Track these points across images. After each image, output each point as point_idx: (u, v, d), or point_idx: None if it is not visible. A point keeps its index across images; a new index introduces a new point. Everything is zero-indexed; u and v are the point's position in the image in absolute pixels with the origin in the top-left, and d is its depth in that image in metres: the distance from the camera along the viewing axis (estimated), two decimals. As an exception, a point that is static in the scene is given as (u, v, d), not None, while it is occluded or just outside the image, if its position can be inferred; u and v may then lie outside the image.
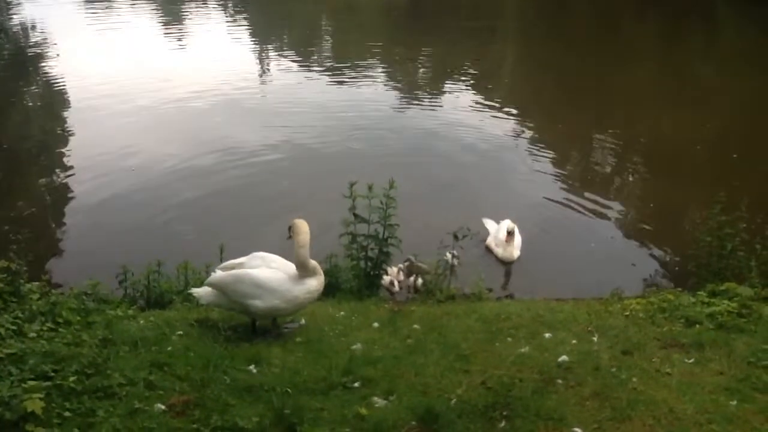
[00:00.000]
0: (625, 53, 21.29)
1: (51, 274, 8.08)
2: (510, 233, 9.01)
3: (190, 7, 29.15)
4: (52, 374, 4.47)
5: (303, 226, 5.74)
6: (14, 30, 24.00)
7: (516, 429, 4.38)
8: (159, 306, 6.89)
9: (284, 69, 19.23)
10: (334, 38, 25.45)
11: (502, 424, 4.43)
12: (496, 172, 12.01)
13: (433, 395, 4.75)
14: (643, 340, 5.61)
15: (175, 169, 11.61)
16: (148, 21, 25.74)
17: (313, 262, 5.79)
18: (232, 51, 21.29)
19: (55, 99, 16.16)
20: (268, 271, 5.71)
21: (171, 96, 15.52)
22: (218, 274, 5.84)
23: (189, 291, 6.24)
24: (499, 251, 9.17)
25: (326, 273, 7.21)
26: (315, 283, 5.77)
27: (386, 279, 8.05)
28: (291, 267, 5.76)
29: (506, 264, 9.12)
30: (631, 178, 12.45)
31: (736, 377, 5.02)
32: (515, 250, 9.12)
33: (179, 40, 22.59)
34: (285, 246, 5.99)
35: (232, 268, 5.88)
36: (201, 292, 5.89)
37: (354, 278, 7.57)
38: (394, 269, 8.17)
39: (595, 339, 5.67)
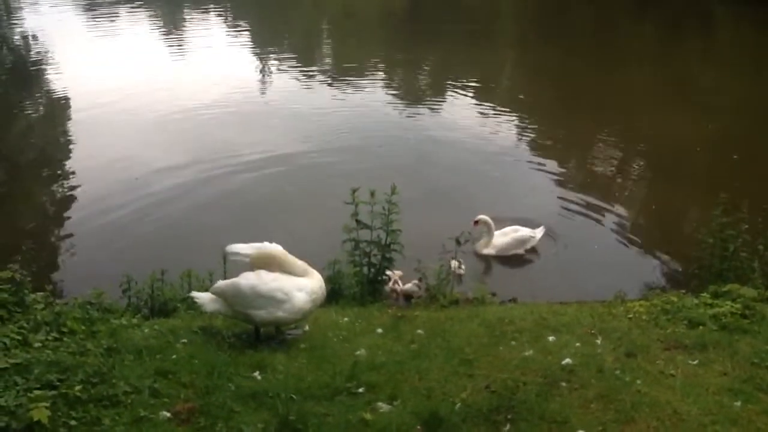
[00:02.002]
0: (624, 55, 21.33)
1: (55, 284, 8.11)
2: (476, 222, 9.20)
3: (191, 16, 29.26)
4: (58, 383, 4.48)
5: (270, 256, 5.70)
6: (15, 39, 24.10)
7: (520, 432, 4.39)
8: (163, 314, 6.90)
9: (285, 76, 19.28)
10: (333, 45, 25.54)
11: (507, 427, 4.44)
12: (498, 177, 12.02)
13: (437, 400, 4.76)
14: (647, 342, 5.62)
15: (178, 176, 11.63)
16: (149, 29, 25.81)
17: (304, 264, 5.81)
18: (233, 58, 21.35)
19: (57, 108, 16.22)
20: (273, 280, 5.66)
21: (173, 104, 15.56)
22: (221, 283, 5.84)
23: (190, 294, 6.18)
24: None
25: (329, 279, 7.26)
26: (316, 287, 5.77)
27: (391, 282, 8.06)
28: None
29: (476, 256, 9.29)
30: (632, 180, 12.45)
31: (739, 378, 5.02)
32: (484, 247, 9.33)
33: (180, 48, 22.66)
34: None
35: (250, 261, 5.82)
36: (204, 298, 5.87)
37: (357, 284, 7.57)
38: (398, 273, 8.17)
39: (598, 342, 5.68)
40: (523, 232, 9.44)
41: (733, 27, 26.25)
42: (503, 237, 9.40)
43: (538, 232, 9.50)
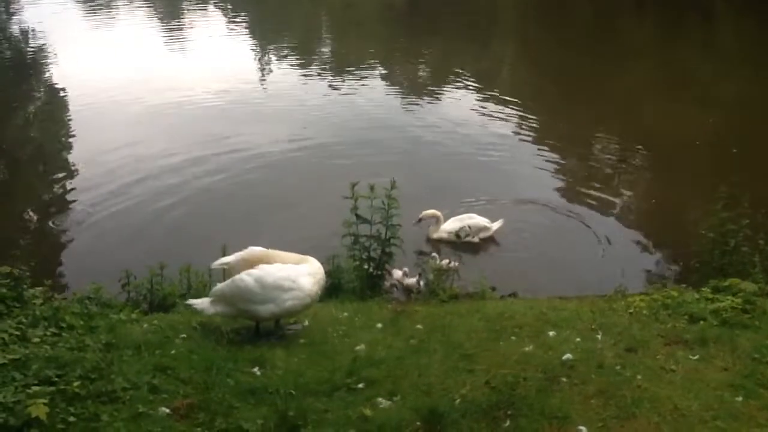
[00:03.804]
0: (624, 50, 21.27)
1: (54, 279, 8.08)
2: (420, 219, 9.45)
3: (190, 11, 29.16)
4: (56, 379, 4.47)
5: (255, 259, 5.65)
6: (14, 33, 24.02)
7: (520, 428, 4.37)
8: (162, 309, 6.87)
9: (284, 70, 19.25)
10: (333, 39, 25.47)
11: (507, 423, 4.42)
12: (498, 171, 12.01)
13: (437, 395, 4.74)
14: (647, 338, 5.59)
15: (177, 171, 11.62)
16: (148, 24, 25.75)
17: (295, 255, 5.78)
18: (232, 53, 21.31)
19: (57, 102, 16.20)
20: (278, 270, 5.59)
21: (172, 99, 15.54)
22: (221, 286, 5.75)
23: (187, 303, 6.07)
24: None
25: (329, 274, 7.23)
26: (316, 268, 5.72)
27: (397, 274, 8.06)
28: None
29: (429, 241, 9.62)
30: (632, 174, 12.43)
31: (740, 373, 5.00)
32: (434, 232, 9.62)
33: (179, 43, 22.60)
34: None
35: (229, 268, 5.80)
36: (202, 304, 5.78)
37: (357, 279, 7.55)
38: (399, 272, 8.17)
39: (599, 337, 5.65)
40: (478, 220, 9.54)
41: (734, 21, 26.15)
42: (458, 223, 9.52)
43: (495, 224, 9.56)
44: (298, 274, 5.61)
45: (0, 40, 23.58)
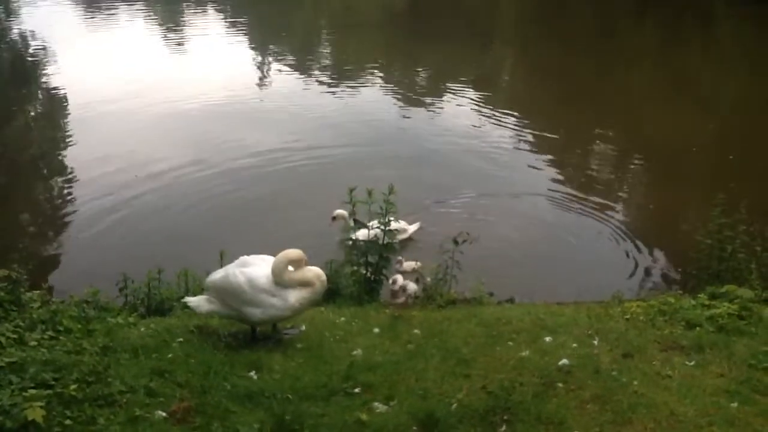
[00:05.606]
0: (623, 55, 21.33)
1: (52, 283, 8.08)
2: (334, 218, 9.26)
3: (189, 15, 29.19)
4: (53, 382, 4.46)
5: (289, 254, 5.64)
6: (14, 37, 24.04)
7: (517, 433, 4.38)
8: (159, 313, 6.86)
9: (284, 76, 19.25)
10: (333, 44, 25.49)
11: (503, 428, 4.43)
12: (496, 176, 12.02)
13: (433, 400, 4.75)
14: (644, 343, 5.61)
15: (176, 175, 11.62)
16: (148, 29, 25.76)
17: (303, 275, 5.69)
18: (232, 58, 21.32)
19: (56, 107, 16.19)
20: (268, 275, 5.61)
21: (171, 103, 15.53)
22: (215, 277, 5.73)
23: (183, 300, 6.11)
24: None
25: (326, 279, 7.22)
26: (314, 291, 5.73)
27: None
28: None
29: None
30: (630, 180, 12.47)
31: (736, 379, 5.01)
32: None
33: (179, 47, 22.62)
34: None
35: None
36: (197, 301, 5.81)
37: (354, 284, 7.55)
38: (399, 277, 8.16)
39: (595, 342, 5.67)
40: (394, 224, 9.50)
41: (733, 25, 26.21)
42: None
43: (412, 227, 9.59)
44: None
45: (-1, 43, 23.64)
